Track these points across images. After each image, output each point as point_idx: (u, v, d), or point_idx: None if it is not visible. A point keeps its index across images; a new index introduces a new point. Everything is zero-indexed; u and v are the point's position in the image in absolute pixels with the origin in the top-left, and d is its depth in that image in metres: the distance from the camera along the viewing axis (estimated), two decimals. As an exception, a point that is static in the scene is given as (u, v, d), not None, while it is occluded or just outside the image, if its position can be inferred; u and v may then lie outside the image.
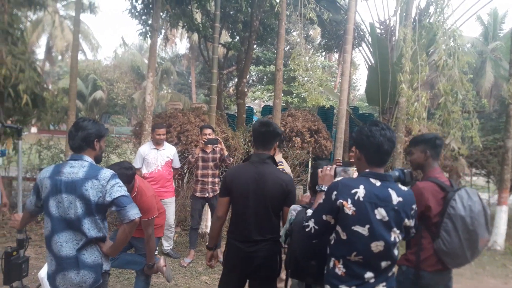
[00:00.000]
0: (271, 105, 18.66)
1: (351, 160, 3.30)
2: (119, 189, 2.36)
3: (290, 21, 12.22)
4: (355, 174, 2.31)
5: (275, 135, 2.86)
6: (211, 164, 5.41)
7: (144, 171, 5.33)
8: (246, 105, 10.82)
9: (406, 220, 2.05)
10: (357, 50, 11.29)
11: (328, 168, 2.36)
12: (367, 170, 2.07)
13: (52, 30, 26.09)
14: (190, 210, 5.75)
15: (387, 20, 8.99)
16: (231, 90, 26.00)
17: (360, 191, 1.98)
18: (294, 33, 23.09)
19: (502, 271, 5.94)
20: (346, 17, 11.27)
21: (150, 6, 9.69)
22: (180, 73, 34.45)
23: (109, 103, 29.11)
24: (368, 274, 2.00)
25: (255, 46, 11.66)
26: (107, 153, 6.97)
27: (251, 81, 25.83)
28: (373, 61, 8.67)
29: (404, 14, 7.18)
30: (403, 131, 6.57)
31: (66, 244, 2.34)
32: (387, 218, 1.97)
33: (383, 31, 9.04)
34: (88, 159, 2.44)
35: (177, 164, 5.56)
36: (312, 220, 2.07)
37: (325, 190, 2.18)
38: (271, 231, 2.73)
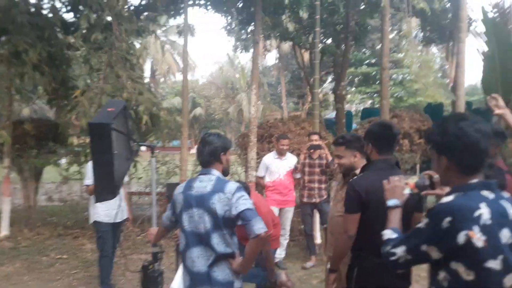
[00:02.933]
0: (368, 107, 17.95)
1: None
2: (244, 202, 2.34)
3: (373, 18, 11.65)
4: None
5: (397, 138, 2.66)
6: (317, 170, 5.52)
7: (267, 179, 5.61)
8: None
9: None
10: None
11: (396, 179, 1.97)
12: (474, 181, 1.55)
13: (155, 54, 28.45)
14: (301, 216, 5.81)
15: (501, 2, 8.05)
16: (320, 95, 25.63)
17: (484, 212, 1.47)
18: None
19: None
20: (448, 5, 10.41)
21: (245, 21, 10.07)
22: (270, 84, 35.11)
23: (207, 118, 30.81)
24: None
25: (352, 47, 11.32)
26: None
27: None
28: (487, 49, 7.81)
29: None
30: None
31: (198, 259, 2.37)
32: (511, 240, 1.50)
33: (496, 15, 8.11)
34: (216, 173, 2.49)
35: (298, 174, 5.66)
36: (404, 247, 1.62)
37: (400, 205, 1.86)
38: None
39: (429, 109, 9.08)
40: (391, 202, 1.91)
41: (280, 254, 5.56)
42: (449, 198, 1.55)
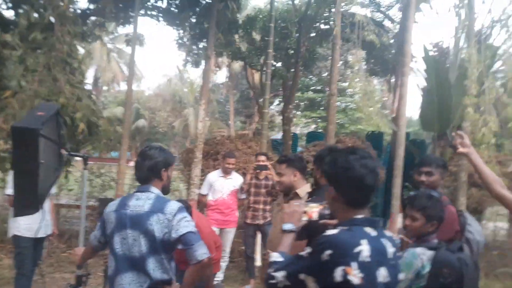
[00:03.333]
0: (313, 131, 18.36)
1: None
2: (186, 224, 2.15)
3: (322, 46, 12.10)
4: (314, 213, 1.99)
5: None
6: (263, 191, 5.45)
7: (210, 198, 5.41)
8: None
9: (399, 274, 1.63)
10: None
11: (297, 204, 1.95)
12: (359, 216, 1.57)
13: (99, 62, 27.34)
14: (243, 237, 5.66)
15: (441, 43, 8.64)
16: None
17: (365, 249, 1.47)
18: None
19: None
20: (392, 41, 11.03)
21: (197, 36, 9.94)
22: (218, 101, 35.04)
23: (150, 131, 29.88)
24: None
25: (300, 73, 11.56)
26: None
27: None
28: (426, 84, 8.29)
29: (463, 34, 6.84)
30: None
31: (129, 286, 2.13)
32: (388, 279, 1.52)
33: (436, 53, 8.68)
34: (155, 191, 2.28)
35: (243, 194, 5.52)
36: (284, 273, 1.57)
37: (295, 230, 1.82)
38: None
39: (370, 137, 9.41)
40: (286, 226, 1.85)
41: (218, 277, 5.35)
42: (334, 231, 1.53)
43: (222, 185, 5.41)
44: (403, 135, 5.81)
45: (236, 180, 5.53)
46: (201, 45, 10.95)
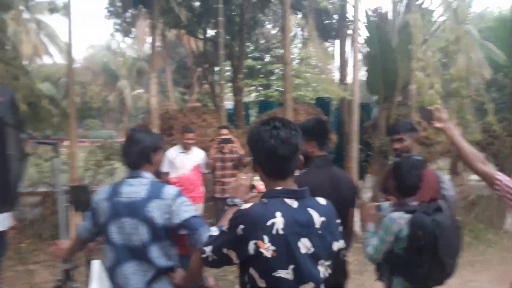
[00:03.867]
0: (264, 100, 18.35)
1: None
2: (188, 209, 2.06)
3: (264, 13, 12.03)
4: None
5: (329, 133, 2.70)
6: (229, 164, 5.38)
7: (172, 175, 5.19)
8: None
9: (335, 243, 1.58)
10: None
11: (244, 177, 1.92)
12: (278, 188, 1.54)
13: (16, 34, 24.79)
14: (214, 211, 5.61)
15: (379, 8, 8.91)
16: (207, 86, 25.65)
17: (278, 221, 1.45)
18: (269, 26, 23.04)
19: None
20: (331, 6, 11.18)
21: (130, 3, 9.32)
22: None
23: (83, 107, 28.10)
24: None
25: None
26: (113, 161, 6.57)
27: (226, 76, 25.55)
28: (369, 50, 8.59)
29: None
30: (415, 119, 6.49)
31: (132, 276, 2.02)
32: (312, 249, 1.49)
33: (376, 18, 8.95)
34: (147, 175, 2.15)
35: (205, 169, 5.38)
36: (211, 247, 1.59)
37: (239, 204, 1.79)
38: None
39: (319, 103, 9.65)
40: (230, 201, 1.86)
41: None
42: (248, 205, 1.53)
43: (183, 161, 5.23)
44: (357, 100, 6.02)
45: (197, 155, 5.38)
46: (130, 13, 10.35)
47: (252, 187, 1.91)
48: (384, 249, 2.40)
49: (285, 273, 1.45)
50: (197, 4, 10.56)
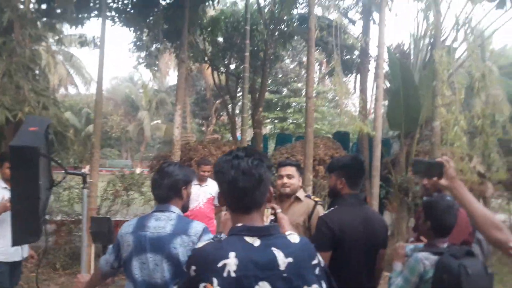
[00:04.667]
0: (282, 132, 18.46)
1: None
2: None
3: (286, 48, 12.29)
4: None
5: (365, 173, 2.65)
6: None
7: None
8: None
9: None
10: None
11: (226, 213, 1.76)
12: (238, 225, 1.40)
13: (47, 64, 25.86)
14: None
15: (401, 45, 8.98)
16: (225, 119, 26.06)
17: (231, 262, 1.31)
18: (287, 60, 23.48)
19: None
20: (351, 42, 11.35)
21: (157, 37, 9.66)
22: (173, 103, 34.44)
23: (103, 136, 28.65)
24: None
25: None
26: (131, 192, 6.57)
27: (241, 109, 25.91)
28: (389, 85, 8.60)
29: (429, 37, 7.13)
30: (441, 156, 6.37)
31: None
32: None
33: (397, 55, 9.00)
34: (176, 210, 2.11)
35: (218, 201, 5.32)
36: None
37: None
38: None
39: (337, 138, 9.60)
40: (217, 236, 1.69)
41: None
42: (201, 244, 1.43)
43: (198, 194, 5.12)
44: (380, 136, 5.96)
45: (212, 187, 5.26)
46: (154, 46, 10.73)
47: None
48: None
49: None
50: (221, 39, 10.91)
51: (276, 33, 10.10)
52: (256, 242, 1.35)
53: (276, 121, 25.57)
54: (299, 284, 1.35)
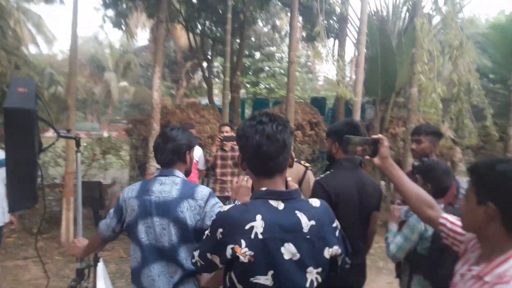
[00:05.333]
0: (260, 97, 18.32)
1: None
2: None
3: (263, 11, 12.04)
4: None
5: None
6: (230, 162, 5.28)
7: None
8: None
9: (328, 249, 1.44)
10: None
11: (245, 179, 1.78)
12: (263, 189, 1.43)
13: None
14: None
15: (381, 11, 8.99)
16: (196, 81, 25.58)
17: (258, 225, 1.35)
18: (260, 23, 23.02)
19: None
20: (327, 7, 11.21)
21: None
22: (143, 65, 33.30)
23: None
24: None
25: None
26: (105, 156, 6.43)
27: (216, 72, 25.43)
28: (366, 51, 8.66)
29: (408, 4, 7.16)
30: (416, 122, 6.57)
31: (159, 278, 1.97)
32: (298, 256, 1.37)
33: (376, 22, 9.02)
34: (180, 175, 2.10)
35: (202, 165, 5.30)
36: (198, 252, 1.53)
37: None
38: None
39: (314, 102, 9.69)
40: (230, 203, 1.75)
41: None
42: (227, 207, 1.45)
43: None
44: (360, 101, 6.05)
45: (196, 151, 5.31)
46: (124, 5, 10.19)
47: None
48: (408, 248, 2.43)
49: (264, 279, 1.36)
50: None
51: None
52: (281, 205, 1.40)
53: (248, 85, 25.34)
54: (321, 246, 1.42)
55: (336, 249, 1.48)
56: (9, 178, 2.05)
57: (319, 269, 1.42)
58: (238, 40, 10.70)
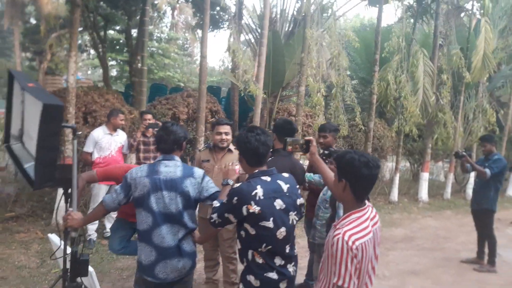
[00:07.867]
0: (157, 83, 17.65)
1: None
2: (212, 185, 2.76)
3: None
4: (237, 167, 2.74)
5: (296, 131, 3.68)
6: (152, 147, 5.74)
7: (96, 155, 5.37)
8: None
9: (298, 200, 2.42)
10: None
11: (230, 164, 2.77)
12: (256, 171, 2.36)
13: None
14: None
15: (270, 13, 10.13)
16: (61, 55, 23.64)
17: (259, 191, 2.24)
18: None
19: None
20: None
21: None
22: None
23: None
24: (278, 261, 2.30)
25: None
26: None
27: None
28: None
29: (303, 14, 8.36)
30: (302, 115, 7.91)
31: (167, 235, 2.61)
32: (284, 206, 2.30)
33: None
34: (178, 159, 2.77)
35: (125, 150, 5.64)
36: (216, 214, 2.36)
37: (231, 184, 2.62)
38: None
39: (210, 90, 10.34)
40: (224, 181, 2.67)
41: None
42: (238, 184, 2.35)
43: (110, 142, 5.44)
44: (261, 96, 7.05)
45: (122, 136, 5.66)
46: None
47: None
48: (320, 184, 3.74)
49: (268, 223, 2.24)
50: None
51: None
52: (268, 179, 2.36)
53: (121, 63, 24.22)
54: (295, 198, 2.41)
55: (301, 200, 2.47)
56: (39, 161, 2.38)
57: (295, 212, 2.39)
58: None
